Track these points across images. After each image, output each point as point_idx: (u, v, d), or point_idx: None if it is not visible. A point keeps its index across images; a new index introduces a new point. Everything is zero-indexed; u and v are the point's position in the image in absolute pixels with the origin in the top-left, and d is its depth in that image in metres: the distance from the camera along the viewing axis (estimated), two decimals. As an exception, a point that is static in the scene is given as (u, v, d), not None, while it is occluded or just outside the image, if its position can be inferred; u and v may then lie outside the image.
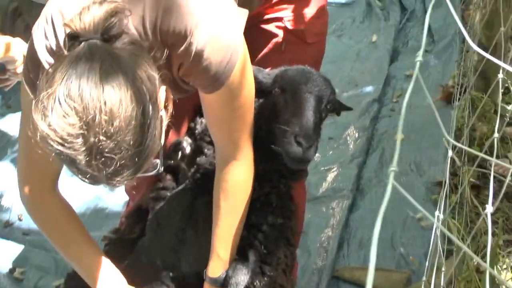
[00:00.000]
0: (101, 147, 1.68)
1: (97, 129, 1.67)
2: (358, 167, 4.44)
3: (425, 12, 5.82)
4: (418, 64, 1.47)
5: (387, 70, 5.30)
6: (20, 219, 4.30)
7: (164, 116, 1.95)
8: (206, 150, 2.64)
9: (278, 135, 2.36)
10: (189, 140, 2.76)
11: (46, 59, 2.01)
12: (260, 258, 2.54)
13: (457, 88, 4.39)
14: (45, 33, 2.03)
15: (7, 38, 2.98)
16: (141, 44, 1.89)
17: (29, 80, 2.08)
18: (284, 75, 2.45)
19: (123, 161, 1.72)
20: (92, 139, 1.68)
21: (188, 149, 2.73)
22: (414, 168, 4.37)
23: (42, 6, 4.15)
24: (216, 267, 2.46)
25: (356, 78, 5.33)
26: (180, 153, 2.73)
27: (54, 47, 2.00)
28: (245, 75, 2.16)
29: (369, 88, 5.14)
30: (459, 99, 4.63)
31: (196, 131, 2.74)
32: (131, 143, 1.72)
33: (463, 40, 5.34)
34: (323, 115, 2.41)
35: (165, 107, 1.97)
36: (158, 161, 2.00)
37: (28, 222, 4.18)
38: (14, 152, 4.82)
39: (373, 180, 4.39)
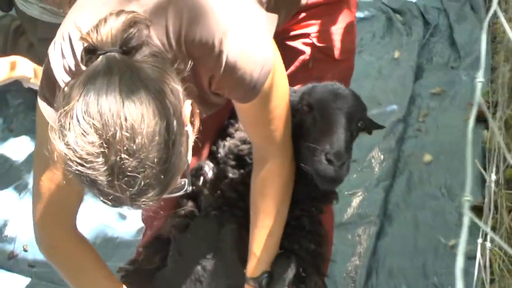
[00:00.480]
0: (123, 166, 1.65)
1: (118, 146, 1.64)
2: (384, 191, 4.39)
3: (450, 26, 5.82)
4: (479, 86, 1.39)
5: (411, 88, 5.25)
6: (25, 250, 4.23)
7: (191, 132, 1.92)
8: (230, 174, 2.62)
9: (307, 154, 2.34)
10: (211, 165, 2.73)
11: (63, 79, 1.99)
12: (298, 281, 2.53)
13: (488, 107, 4.35)
14: (62, 52, 2.01)
15: (12, 58, 2.98)
16: (164, 56, 1.87)
17: (45, 100, 2.07)
18: (312, 92, 2.43)
19: (147, 180, 1.69)
20: (113, 158, 1.65)
21: (210, 174, 2.71)
22: (445, 192, 4.32)
23: (46, 24, 4.16)
24: (256, 268, 2.46)
25: (379, 96, 5.28)
26: (202, 178, 2.70)
27: (72, 66, 1.99)
28: (278, 76, 2.17)
29: (393, 107, 5.10)
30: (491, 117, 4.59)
31: (219, 155, 2.72)
32: (156, 160, 1.69)
33: (492, 55, 5.31)
34: (354, 133, 2.38)
35: (191, 122, 1.94)
36: (185, 180, 1.96)
37: (34, 253, 4.10)
38: (18, 179, 4.75)
39: (401, 205, 4.33)
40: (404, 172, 4.59)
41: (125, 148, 1.65)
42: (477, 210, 3.90)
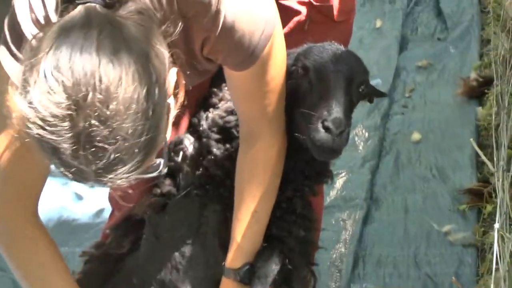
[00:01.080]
0: (92, 134, 1.53)
1: (88, 111, 1.52)
2: (371, 172, 4.33)
3: None
4: None
5: (396, 61, 5.20)
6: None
7: (173, 105, 1.81)
8: (215, 149, 2.49)
9: (302, 122, 2.23)
10: (192, 138, 2.60)
11: (31, 32, 1.83)
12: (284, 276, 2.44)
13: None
14: (30, 3, 1.86)
15: None
16: (151, 14, 1.75)
17: (8, 51, 1.91)
18: (308, 53, 2.31)
19: (118, 154, 1.57)
20: (81, 123, 1.52)
21: (190, 148, 2.58)
22: (436, 173, 4.26)
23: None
24: (236, 257, 2.36)
25: None
26: (181, 153, 2.58)
27: (41, 18, 1.84)
28: (278, 42, 2.10)
29: (376, 81, 4.98)
30: (483, 93, 4.56)
31: (201, 128, 2.58)
32: (130, 131, 1.57)
33: (483, 26, 5.28)
34: (354, 99, 2.26)
35: (175, 95, 1.83)
36: (161, 160, 1.83)
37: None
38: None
39: (388, 187, 4.27)
40: (391, 151, 4.53)
41: (96, 113, 1.52)
42: (474, 194, 3.86)
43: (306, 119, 2.19)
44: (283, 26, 2.60)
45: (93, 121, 1.52)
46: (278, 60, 2.13)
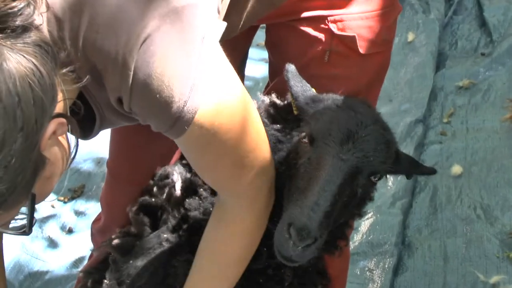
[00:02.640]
0: None
1: None
2: (402, 213, 4.27)
3: (478, 2, 5.78)
4: None
5: (432, 80, 5.18)
6: None
7: (58, 158, 1.74)
8: (201, 190, 2.43)
9: (285, 205, 2.14)
10: (182, 170, 2.55)
11: None
12: None
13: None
14: None
15: None
16: (51, 51, 1.68)
17: None
18: (321, 118, 2.18)
19: None
20: None
21: (178, 184, 2.52)
22: (481, 213, 4.21)
23: None
24: None
25: (389, 90, 5.18)
26: (167, 190, 2.53)
27: None
28: (228, 114, 1.95)
29: (408, 105, 5.00)
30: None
31: None
32: None
33: (535, 38, 5.27)
34: (358, 190, 2.13)
35: (64, 150, 1.76)
36: (24, 221, 1.74)
37: None
38: None
39: (423, 231, 4.21)
40: (426, 187, 4.48)
41: None
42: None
43: (285, 207, 2.12)
44: (301, 56, 2.58)
45: None
46: (234, 133, 2.00)
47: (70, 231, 4.29)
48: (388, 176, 2.30)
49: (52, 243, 4.24)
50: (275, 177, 2.20)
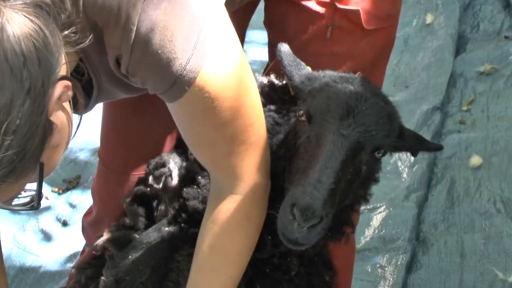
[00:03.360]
0: None
1: None
2: (417, 206, 4.28)
3: None
4: None
5: (451, 65, 5.17)
6: None
7: (65, 125, 1.77)
8: (199, 177, 2.45)
9: (286, 188, 2.16)
10: (178, 160, 2.58)
11: None
12: None
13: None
14: None
15: None
16: (52, 12, 1.71)
17: None
18: (318, 94, 2.20)
19: None
20: None
21: (175, 173, 2.54)
22: (502, 207, 4.21)
23: None
24: None
25: (406, 76, 5.20)
26: (163, 178, 2.55)
27: None
28: (229, 79, 1.98)
29: (426, 91, 5.01)
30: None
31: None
32: None
33: None
34: (363, 167, 2.16)
35: (68, 115, 1.79)
36: (32, 194, 1.79)
37: None
38: None
39: (439, 226, 4.22)
40: (443, 179, 4.49)
41: None
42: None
43: (286, 189, 2.14)
44: (302, 32, 2.61)
45: None
46: (234, 100, 2.02)
47: (64, 223, 4.32)
48: (393, 153, 2.30)
49: (46, 237, 4.26)
50: (274, 162, 2.22)
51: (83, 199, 4.41)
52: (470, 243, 4.07)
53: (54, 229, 4.29)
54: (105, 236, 2.57)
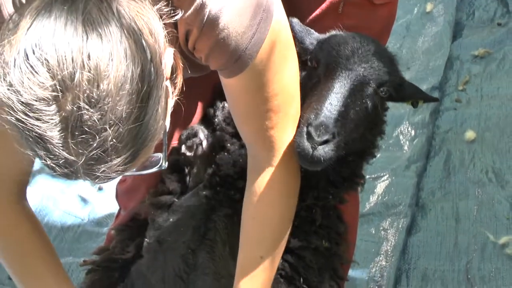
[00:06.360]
0: (81, 118, 1.51)
1: (76, 91, 1.50)
2: (417, 175, 4.29)
3: None
4: None
5: (448, 49, 5.15)
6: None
7: (171, 90, 1.80)
8: (229, 145, 2.49)
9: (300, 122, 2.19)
10: (205, 131, 2.61)
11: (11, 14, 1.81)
12: None
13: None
14: None
15: None
16: None
17: None
18: (326, 43, 2.28)
19: (112, 142, 1.55)
20: (69, 107, 1.50)
21: (204, 143, 2.58)
22: (493, 177, 4.21)
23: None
24: None
25: (407, 59, 5.17)
26: (194, 147, 2.58)
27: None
28: (280, 53, 2.01)
29: (425, 73, 4.98)
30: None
31: (216, 120, 2.59)
32: (124, 115, 1.56)
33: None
34: (369, 102, 2.21)
35: (172, 80, 1.82)
36: (160, 155, 1.84)
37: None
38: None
39: (437, 193, 4.23)
40: (440, 152, 4.49)
41: (85, 94, 1.50)
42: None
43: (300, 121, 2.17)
44: (315, 8, 2.62)
45: (82, 104, 1.50)
46: (282, 74, 2.05)
47: (100, 188, 4.34)
48: (397, 102, 2.38)
49: (83, 200, 4.29)
50: None
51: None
52: (464, 209, 4.09)
53: (91, 193, 4.32)
54: (148, 200, 2.59)
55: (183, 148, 2.57)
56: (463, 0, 5.62)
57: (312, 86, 2.22)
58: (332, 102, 2.09)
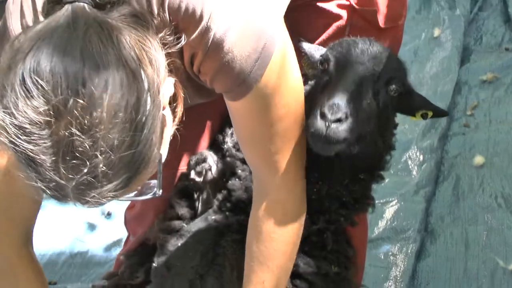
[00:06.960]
0: (73, 144, 1.52)
1: (69, 117, 1.51)
2: (426, 201, 4.25)
3: None
4: None
5: (457, 74, 5.14)
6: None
7: (170, 119, 1.80)
8: (240, 171, 2.46)
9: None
10: (215, 157, 2.58)
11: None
12: None
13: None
14: (22, 8, 1.87)
15: None
16: (147, 19, 1.75)
17: None
18: (336, 45, 2.28)
19: (102, 168, 1.55)
20: (61, 132, 1.51)
21: (214, 168, 2.56)
22: (502, 202, 4.17)
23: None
24: None
25: (415, 84, 4.97)
26: (204, 172, 2.56)
27: (31, 23, 1.86)
28: (285, 76, 2.00)
29: (433, 98, 4.86)
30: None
31: (225, 146, 2.55)
32: (116, 143, 1.56)
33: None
34: (380, 100, 2.19)
35: (173, 108, 1.83)
36: (154, 182, 1.83)
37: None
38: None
39: (446, 218, 4.19)
40: (449, 177, 4.46)
41: (78, 121, 1.51)
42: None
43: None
44: (322, 32, 2.60)
45: (74, 130, 1.51)
46: (287, 97, 2.03)
47: (108, 214, 4.32)
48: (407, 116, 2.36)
49: (91, 226, 4.28)
50: None
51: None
52: (474, 234, 4.04)
53: (99, 220, 4.30)
54: (157, 225, 2.57)
55: (192, 173, 2.56)
56: (470, 25, 5.63)
57: (323, 85, 2.21)
58: (345, 88, 2.08)
